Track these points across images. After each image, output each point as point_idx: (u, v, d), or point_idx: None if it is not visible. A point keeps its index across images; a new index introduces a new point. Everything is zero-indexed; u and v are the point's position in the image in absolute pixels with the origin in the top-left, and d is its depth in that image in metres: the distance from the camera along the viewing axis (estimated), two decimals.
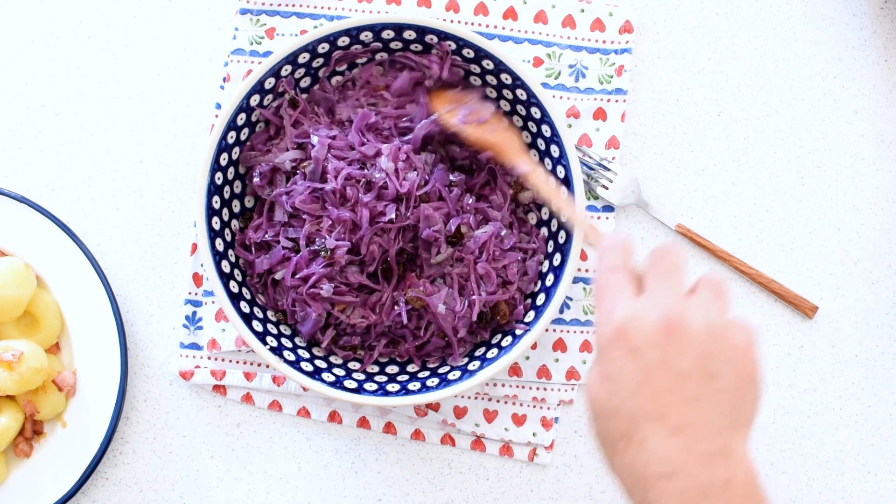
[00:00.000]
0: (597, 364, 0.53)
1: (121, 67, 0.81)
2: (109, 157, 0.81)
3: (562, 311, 0.78)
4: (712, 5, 0.82)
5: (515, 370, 0.78)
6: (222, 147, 0.72)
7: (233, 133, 0.73)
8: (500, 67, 0.74)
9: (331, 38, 0.73)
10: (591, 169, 0.79)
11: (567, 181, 0.73)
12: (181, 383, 0.78)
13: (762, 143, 0.81)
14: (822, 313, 0.79)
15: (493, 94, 0.77)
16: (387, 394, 0.71)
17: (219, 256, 0.72)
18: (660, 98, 0.81)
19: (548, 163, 0.75)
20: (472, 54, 0.74)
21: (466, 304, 0.73)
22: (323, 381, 0.70)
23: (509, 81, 0.74)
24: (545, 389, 0.78)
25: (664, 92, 0.81)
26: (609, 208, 0.79)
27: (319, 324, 0.73)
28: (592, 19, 0.80)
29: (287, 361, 0.70)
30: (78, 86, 0.81)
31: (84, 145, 0.81)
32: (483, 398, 0.78)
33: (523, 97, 0.74)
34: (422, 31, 0.73)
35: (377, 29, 0.73)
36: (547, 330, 0.78)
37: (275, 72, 0.73)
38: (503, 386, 0.78)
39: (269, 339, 0.72)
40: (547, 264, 0.74)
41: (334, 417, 0.78)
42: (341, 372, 0.73)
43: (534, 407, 0.78)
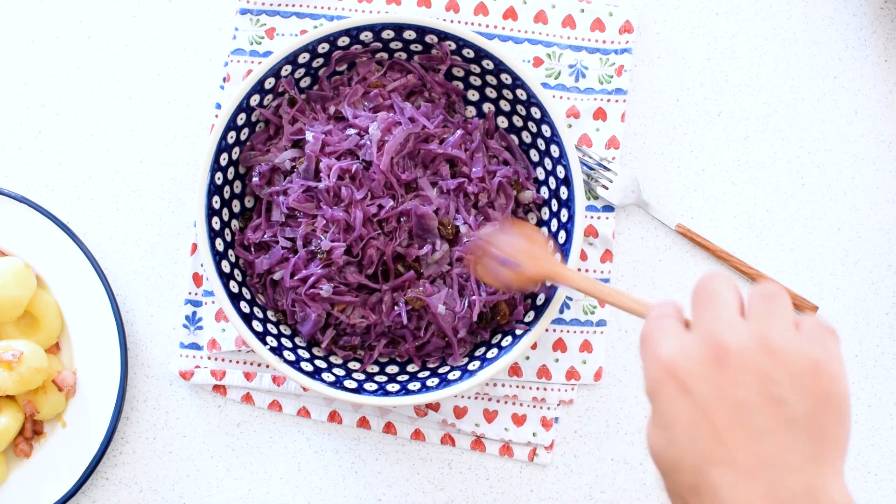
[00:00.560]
0: (651, 416, 0.47)
1: (121, 67, 0.81)
2: (109, 157, 0.81)
3: (562, 311, 0.78)
4: (712, 5, 0.82)
5: (515, 370, 0.78)
6: (222, 147, 0.72)
7: (233, 133, 0.73)
8: (500, 67, 0.74)
9: (331, 38, 0.73)
10: (591, 169, 0.79)
11: (567, 181, 0.73)
12: (181, 383, 0.78)
13: (762, 143, 0.81)
14: (822, 313, 0.79)
15: (492, 94, 0.77)
16: (387, 394, 0.71)
17: (219, 256, 0.72)
18: (660, 98, 0.81)
19: (548, 163, 0.75)
20: (472, 54, 0.74)
21: (466, 304, 0.73)
22: (323, 381, 0.70)
23: (509, 81, 0.74)
24: (545, 389, 0.78)
25: (664, 92, 0.81)
26: (609, 208, 0.79)
27: (319, 324, 0.73)
28: (592, 19, 0.80)
29: (287, 361, 0.70)
30: (78, 86, 0.81)
31: (84, 145, 0.81)
32: (483, 398, 0.78)
33: (523, 97, 0.74)
34: (422, 31, 0.73)
35: (377, 29, 0.73)
36: (547, 330, 0.78)
37: (275, 72, 0.73)
38: (503, 386, 0.78)
39: (269, 339, 0.72)
40: None
41: (334, 417, 0.78)
42: (341, 372, 0.73)
43: (534, 407, 0.78)
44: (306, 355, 0.73)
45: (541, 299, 0.73)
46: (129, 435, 0.78)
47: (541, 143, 0.75)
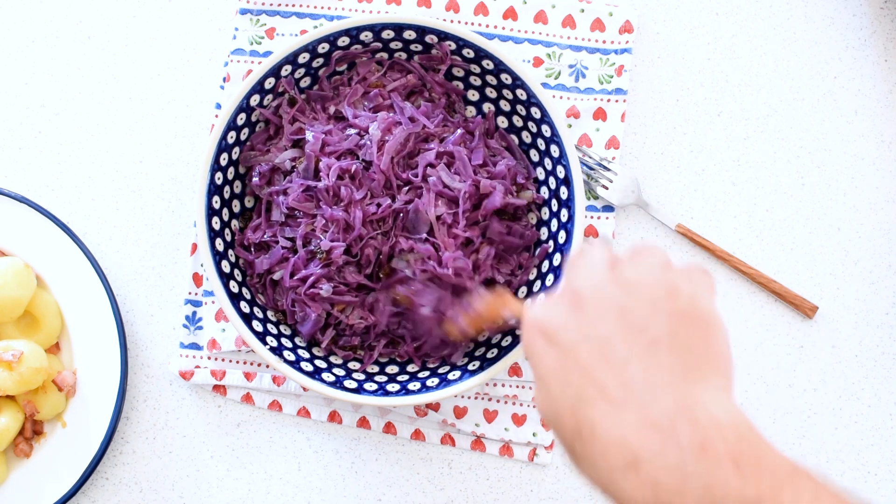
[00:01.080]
0: (533, 373, 0.47)
1: (121, 67, 0.81)
2: (109, 157, 0.81)
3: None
4: (712, 5, 0.82)
5: (515, 370, 0.78)
6: (222, 147, 0.72)
7: (233, 133, 0.73)
8: (500, 67, 0.74)
9: (331, 38, 0.73)
10: (591, 169, 0.79)
11: (567, 181, 0.73)
12: (181, 383, 0.78)
13: (762, 143, 0.81)
14: (822, 313, 0.79)
15: (492, 94, 0.77)
16: (387, 394, 0.71)
17: (219, 256, 0.72)
18: (660, 98, 0.81)
19: (548, 163, 0.75)
20: (472, 54, 0.74)
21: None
22: (323, 381, 0.70)
23: (509, 81, 0.74)
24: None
25: (664, 92, 0.81)
26: (609, 208, 0.79)
27: (319, 324, 0.73)
28: (592, 19, 0.80)
29: (287, 361, 0.70)
30: (78, 86, 0.81)
31: (84, 145, 0.81)
32: (483, 398, 0.78)
33: (523, 97, 0.74)
34: (422, 31, 0.73)
35: (377, 29, 0.73)
36: None
37: (275, 72, 0.73)
38: (503, 386, 0.78)
39: (269, 339, 0.72)
40: (547, 264, 0.74)
41: (334, 417, 0.78)
42: (341, 372, 0.73)
43: (534, 407, 0.78)
44: (306, 355, 0.73)
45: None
46: (129, 435, 0.78)
47: (541, 143, 0.75)
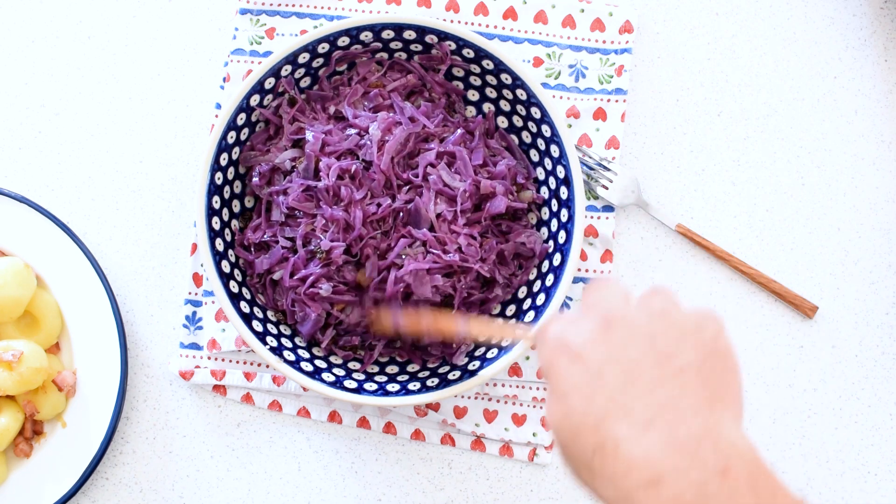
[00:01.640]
0: (549, 392, 0.48)
1: (121, 67, 0.81)
2: (109, 157, 0.81)
3: (562, 311, 0.78)
4: (712, 5, 0.82)
5: (515, 370, 0.78)
6: (222, 147, 0.72)
7: (233, 133, 0.73)
8: (500, 67, 0.74)
9: (331, 38, 0.73)
10: (591, 169, 0.79)
11: (567, 181, 0.73)
12: (181, 383, 0.78)
13: (762, 143, 0.81)
14: (822, 313, 0.79)
15: (492, 94, 0.77)
16: (387, 394, 0.71)
17: (219, 256, 0.72)
18: (660, 98, 0.81)
19: (548, 163, 0.75)
20: (472, 54, 0.74)
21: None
22: (323, 381, 0.70)
23: (509, 81, 0.74)
24: (545, 389, 0.78)
25: (664, 92, 0.81)
26: (609, 208, 0.79)
27: (319, 324, 0.73)
28: (592, 19, 0.80)
29: (287, 361, 0.70)
30: (78, 86, 0.81)
31: (84, 145, 0.81)
32: (483, 398, 0.78)
33: (523, 97, 0.74)
34: (422, 31, 0.73)
35: (377, 29, 0.73)
36: None
37: (275, 72, 0.73)
38: (503, 386, 0.78)
39: (269, 339, 0.72)
40: (547, 264, 0.74)
41: (334, 417, 0.78)
42: (341, 372, 0.73)
43: (534, 407, 0.78)
44: (306, 355, 0.73)
45: (541, 299, 0.73)
46: (129, 435, 0.78)
47: (541, 143, 0.75)
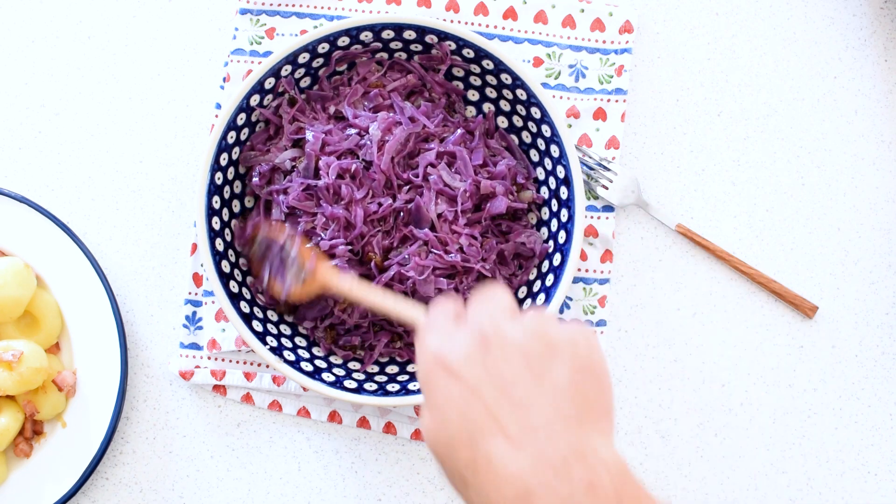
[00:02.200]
0: (424, 403, 0.49)
1: (121, 67, 0.81)
2: (109, 157, 0.81)
3: (562, 311, 0.78)
4: (712, 5, 0.82)
5: None
6: (222, 147, 0.72)
7: (233, 133, 0.73)
8: (500, 67, 0.74)
9: (331, 38, 0.73)
10: (591, 169, 0.79)
11: (567, 181, 0.73)
12: (181, 383, 0.78)
13: (762, 143, 0.81)
14: (822, 313, 0.79)
15: (492, 94, 0.77)
16: (387, 394, 0.71)
17: (219, 256, 0.72)
18: (660, 98, 0.81)
19: (548, 163, 0.75)
20: (472, 54, 0.74)
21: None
22: (323, 381, 0.70)
23: (509, 81, 0.74)
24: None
25: (664, 92, 0.81)
26: (609, 208, 0.79)
27: (325, 309, 0.73)
28: (592, 19, 0.80)
29: (287, 361, 0.70)
30: (78, 86, 0.81)
31: (84, 145, 0.81)
32: None
33: (523, 97, 0.74)
34: (422, 31, 0.73)
35: (377, 29, 0.73)
36: None
37: (275, 72, 0.73)
38: None
39: (269, 339, 0.72)
40: (547, 264, 0.74)
41: (334, 417, 0.78)
42: (341, 372, 0.73)
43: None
44: (306, 355, 0.73)
45: (541, 299, 0.73)
46: (129, 435, 0.78)
47: (541, 143, 0.75)
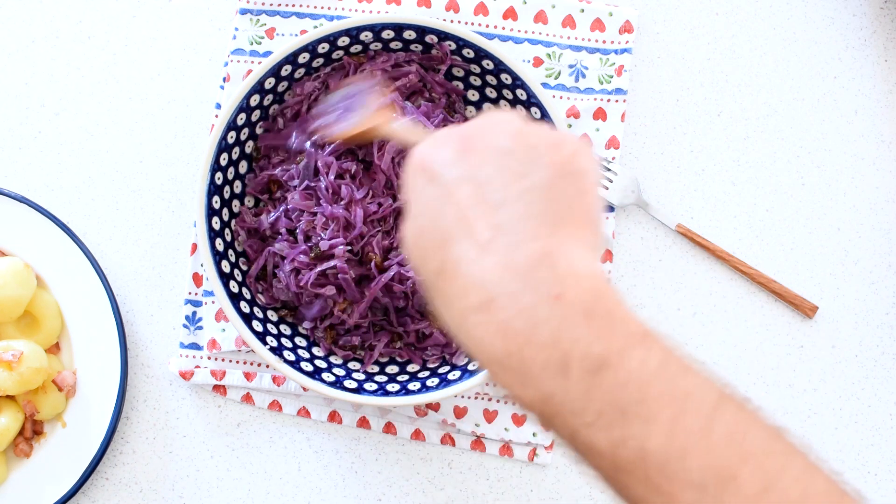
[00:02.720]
0: (405, 213, 0.47)
1: (121, 67, 0.81)
2: (109, 157, 0.81)
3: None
4: (712, 5, 0.82)
5: None
6: (222, 147, 0.72)
7: (233, 133, 0.73)
8: (500, 67, 0.74)
9: (331, 38, 0.73)
10: None
11: None
12: (181, 383, 0.78)
13: (762, 143, 0.81)
14: (822, 313, 0.79)
15: (492, 94, 0.77)
16: (387, 394, 0.71)
17: (219, 256, 0.72)
18: (660, 98, 0.81)
19: None
20: (472, 54, 0.74)
21: None
22: (323, 381, 0.70)
23: (509, 81, 0.74)
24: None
25: (664, 92, 0.81)
26: (609, 208, 0.79)
27: (325, 310, 0.73)
28: (592, 19, 0.80)
29: (287, 361, 0.70)
30: (78, 86, 0.81)
31: (84, 145, 0.81)
32: (483, 398, 0.78)
33: (523, 97, 0.74)
34: (422, 31, 0.73)
35: (377, 29, 0.73)
36: None
37: (275, 72, 0.73)
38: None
39: (269, 339, 0.72)
40: None
41: (334, 417, 0.78)
42: (341, 372, 0.73)
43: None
44: (306, 355, 0.73)
45: None
46: (129, 435, 0.78)
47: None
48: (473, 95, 0.78)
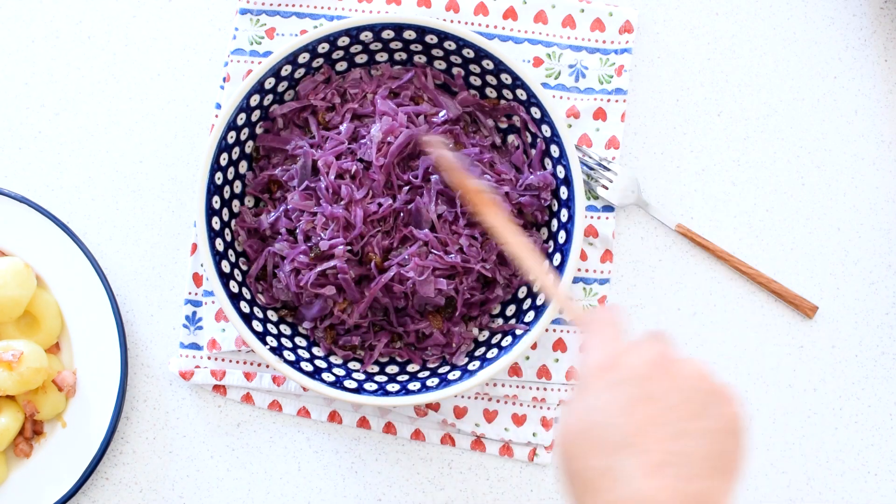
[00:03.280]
0: (576, 397, 0.50)
1: (121, 67, 0.81)
2: (109, 157, 0.81)
3: (562, 311, 0.78)
4: (712, 5, 0.82)
5: (515, 370, 0.78)
6: (222, 147, 0.72)
7: (233, 133, 0.73)
8: (500, 67, 0.74)
9: (331, 38, 0.73)
10: (591, 169, 0.79)
11: (567, 181, 0.73)
12: (181, 383, 0.78)
13: (762, 143, 0.81)
14: (822, 313, 0.79)
15: (493, 94, 0.77)
16: (387, 394, 0.71)
17: (219, 256, 0.72)
18: (660, 98, 0.81)
19: (548, 163, 0.75)
20: (472, 54, 0.74)
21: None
22: (323, 381, 0.70)
23: (509, 81, 0.74)
24: (545, 389, 0.78)
25: (664, 92, 0.81)
26: (609, 208, 0.79)
27: (325, 310, 0.73)
28: (592, 19, 0.80)
29: (287, 361, 0.70)
30: (78, 86, 0.81)
31: (84, 145, 0.81)
32: (483, 398, 0.78)
33: (523, 97, 0.74)
34: (422, 31, 0.73)
35: (377, 29, 0.73)
36: (547, 330, 0.78)
37: (275, 72, 0.73)
38: (503, 386, 0.78)
39: (269, 339, 0.72)
40: (547, 264, 0.74)
41: (334, 417, 0.78)
42: (341, 372, 0.73)
43: (534, 407, 0.78)
44: (306, 355, 0.73)
45: (541, 299, 0.73)
46: (129, 435, 0.78)
47: (541, 144, 0.75)
48: (473, 95, 0.78)
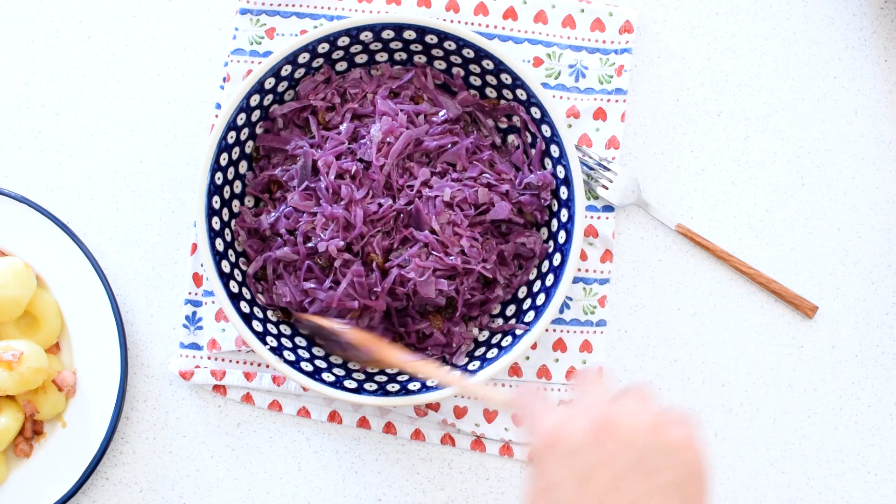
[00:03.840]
0: (532, 478, 0.50)
1: (121, 67, 0.81)
2: (109, 157, 0.81)
3: (562, 311, 0.78)
4: (712, 5, 0.82)
5: (515, 370, 0.78)
6: (222, 147, 0.72)
7: (233, 133, 0.73)
8: (500, 67, 0.74)
9: (331, 38, 0.73)
10: (591, 169, 0.79)
11: (567, 181, 0.73)
12: (181, 383, 0.79)
13: (762, 143, 0.81)
14: (822, 313, 0.79)
15: (493, 94, 0.77)
16: (387, 394, 0.71)
17: (219, 256, 0.72)
18: (660, 98, 0.81)
19: (548, 163, 0.75)
20: (472, 54, 0.74)
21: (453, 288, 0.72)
22: (323, 381, 0.70)
23: (509, 81, 0.74)
24: (545, 389, 0.78)
25: (664, 92, 0.81)
26: (609, 208, 0.79)
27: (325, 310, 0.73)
28: (592, 19, 0.80)
29: (287, 361, 0.70)
30: (78, 86, 0.81)
31: (84, 145, 0.81)
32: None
33: (523, 97, 0.74)
34: (422, 31, 0.73)
35: (377, 29, 0.73)
36: (547, 330, 0.78)
37: (275, 72, 0.73)
38: (503, 386, 0.78)
39: (269, 339, 0.72)
40: (547, 264, 0.74)
41: (334, 417, 0.78)
42: (341, 372, 0.73)
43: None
44: (306, 355, 0.73)
45: (541, 299, 0.73)
46: (129, 435, 0.78)
47: (541, 144, 0.75)
48: (473, 95, 0.78)
